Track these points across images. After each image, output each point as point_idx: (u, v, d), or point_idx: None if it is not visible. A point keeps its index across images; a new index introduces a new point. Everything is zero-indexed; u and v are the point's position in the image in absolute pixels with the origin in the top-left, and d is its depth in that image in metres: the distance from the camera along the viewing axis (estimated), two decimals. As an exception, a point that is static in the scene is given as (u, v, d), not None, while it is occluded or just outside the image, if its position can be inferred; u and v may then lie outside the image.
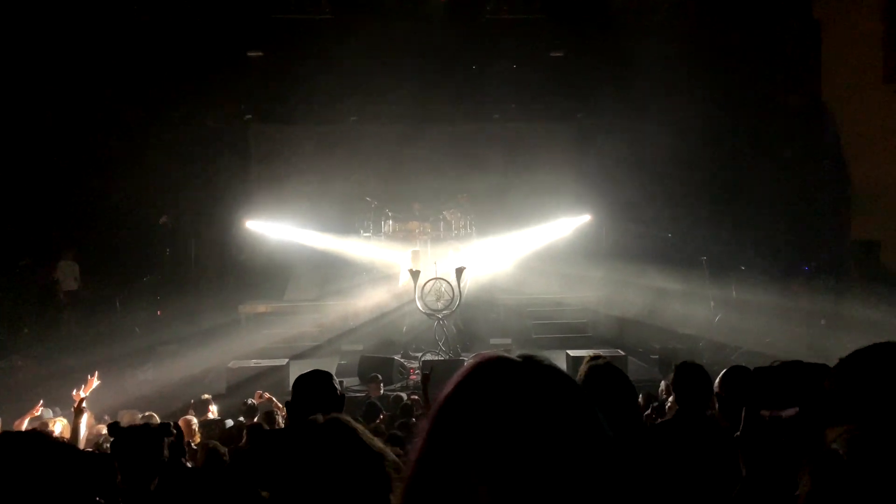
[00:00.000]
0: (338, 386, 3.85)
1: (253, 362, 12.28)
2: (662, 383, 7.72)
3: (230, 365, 12.14)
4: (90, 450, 5.71)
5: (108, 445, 4.28)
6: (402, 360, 13.22)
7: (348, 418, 2.33)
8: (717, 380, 4.04)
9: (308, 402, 3.55)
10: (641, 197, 16.54)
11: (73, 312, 15.29)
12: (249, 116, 17.91)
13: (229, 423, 8.48)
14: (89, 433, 6.93)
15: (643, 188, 16.40)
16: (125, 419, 7.76)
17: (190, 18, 15.17)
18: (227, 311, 15.51)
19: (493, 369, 1.44)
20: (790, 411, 2.44)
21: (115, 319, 14.84)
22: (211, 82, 16.00)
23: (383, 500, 2.13)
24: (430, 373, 5.64)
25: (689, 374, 4.49)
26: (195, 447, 6.30)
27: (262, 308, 16.00)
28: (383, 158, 17.27)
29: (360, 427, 2.29)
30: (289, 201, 16.93)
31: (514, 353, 1.49)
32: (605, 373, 3.64)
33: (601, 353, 5.63)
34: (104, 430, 6.48)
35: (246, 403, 9.20)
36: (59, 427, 7.05)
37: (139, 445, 3.82)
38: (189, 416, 7.89)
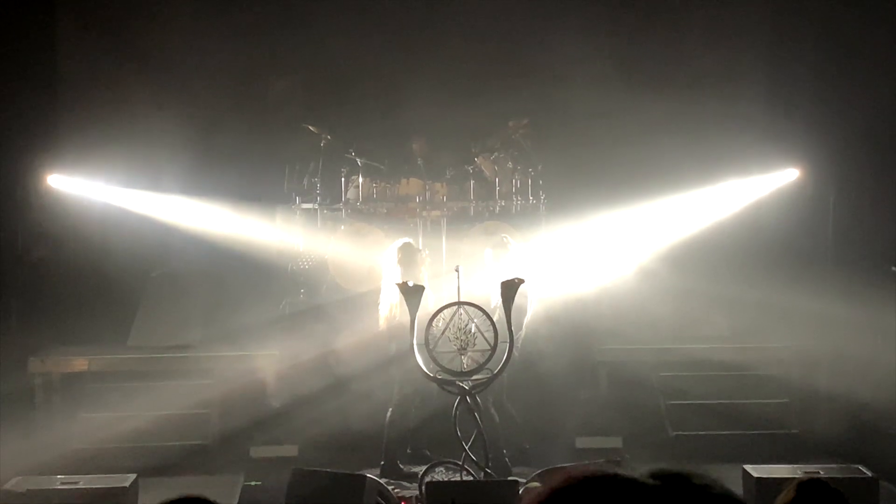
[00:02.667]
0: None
1: (60, 480, 8.93)
2: None
3: (10, 486, 8.93)
4: None
5: None
6: (383, 481, 9.74)
7: None
8: None
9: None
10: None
11: None
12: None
13: None
14: None
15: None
16: None
17: None
18: (3, 369, 11.15)
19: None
20: None
21: None
22: None
23: None
24: None
25: None
26: None
27: (79, 363, 11.68)
28: (344, 34, 12.22)
29: None
30: (140, 135, 11.82)
31: (637, 469, 1.25)
32: None
33: (819, 473, 5.66)
34: None
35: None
36: None
37: None
38: None
